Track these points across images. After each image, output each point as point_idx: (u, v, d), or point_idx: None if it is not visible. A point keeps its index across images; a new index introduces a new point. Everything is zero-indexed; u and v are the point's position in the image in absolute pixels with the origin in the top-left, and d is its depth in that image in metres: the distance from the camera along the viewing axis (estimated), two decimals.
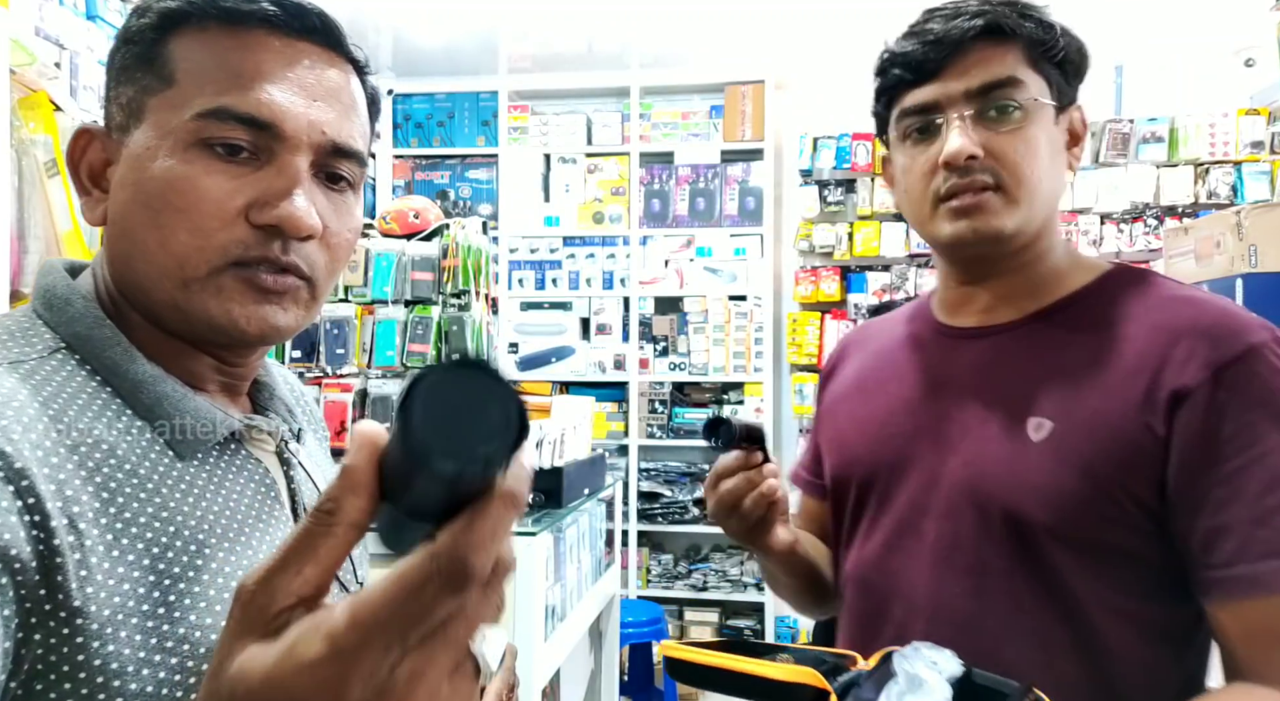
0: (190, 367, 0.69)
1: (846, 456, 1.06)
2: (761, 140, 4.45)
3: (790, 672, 0.82)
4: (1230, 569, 0.81)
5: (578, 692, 2.70)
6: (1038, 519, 0.87)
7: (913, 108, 0.93)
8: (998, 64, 0.90)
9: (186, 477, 0.64)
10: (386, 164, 4.71)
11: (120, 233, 0.66)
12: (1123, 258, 4.22)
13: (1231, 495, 0.82)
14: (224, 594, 0.63)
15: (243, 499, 0.68)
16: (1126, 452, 0.85)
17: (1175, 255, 2.26)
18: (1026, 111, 0.90)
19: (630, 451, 4.47)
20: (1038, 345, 0.94)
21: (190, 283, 0.64)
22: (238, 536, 0.66)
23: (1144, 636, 0.87)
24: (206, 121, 0.63)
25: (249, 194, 0.64)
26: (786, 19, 3.87)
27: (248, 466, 0.70)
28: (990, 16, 0.89)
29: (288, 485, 0.74)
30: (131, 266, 0.65)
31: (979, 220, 0.91)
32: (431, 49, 4.38)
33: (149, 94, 0.65)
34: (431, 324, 2.87)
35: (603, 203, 4.58)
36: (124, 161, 0.65)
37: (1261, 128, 4.08)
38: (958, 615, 0.91)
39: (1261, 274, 1.93)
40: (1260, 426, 0.82)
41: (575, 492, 2.44)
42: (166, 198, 0.63)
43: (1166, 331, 0.87)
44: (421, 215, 3.05)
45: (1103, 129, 4.19)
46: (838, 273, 4.42)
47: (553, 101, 4.72)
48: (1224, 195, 4.05)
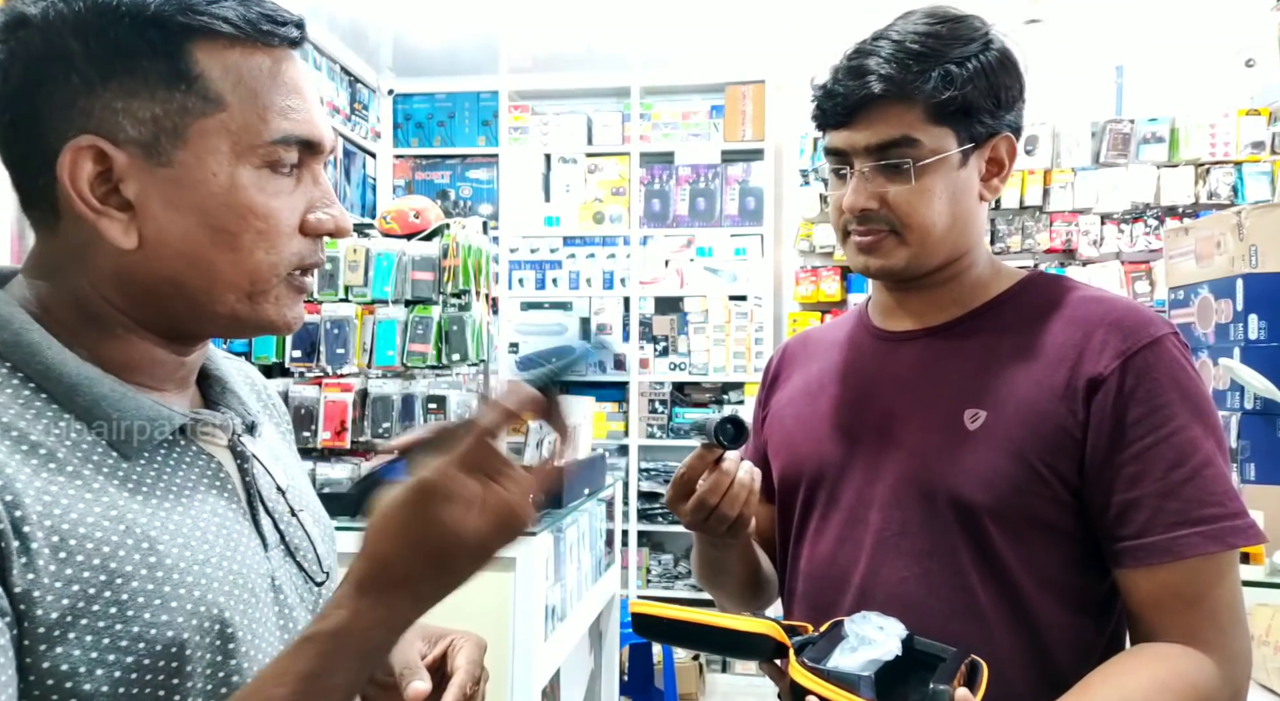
0: (155, 370, 0.70)
1: (795, 457, 1.12)
2: (762, 140, 4.45)
3: (754, 624, 0.89)
4: (1142, 538, 0.91)
5: (578, 692, 2.70)
6: (979, 500, 0.95)
7: (830, 149, 1.04)
8: (894, 122, 0.97)
9: (134, 476, 0.65)
10: (386, 164, 4.71)
11: (176, 256, 0.65)
12: (1123, 258, 4.22)
13: (1142, 471, 0.91)
14: (179, 590, 0.63)
15: (195, 494, 0.68)
16: (1052, 436, 0.94)
17: (1176, 255, 2.26)
18: (921, 166, 0.97)
19: (630, 451, 4.47)
20: (969, 344, 1.03)
21: (256, 296, 0.68)
22: (191, 531, 0.66)
23: (1069, 607, 0.96)
24: (276, 147, 0.66)
25: (300, 207, 0.69)
26: (786, 19, 3.87)
27: (199, 462, 0.70)
28: (886, 83, 0.96)
29: (242, 478, 0.73)
30: (185, 286, 0.66)
31: (874, 258, 1.02)
32: (431, 49, 4.38)
33: (192, 116, 0.64)
34: (431, 324, 2.87)
35: (603, 203, 4.58)
36: (167, 184, 0.64)
37: (1262, 128, 4.08)
38: (905, 598, 0.98)
39: (1262, 274, 1.93)
40: (1167, 409, 0.92)
41: (575, 492, 2.44)
42: (247, 222, 0.66)
43: (1081, 326, 0.97)
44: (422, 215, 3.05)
45: (1103, 129, 4.19)
46: (838, 273, 4.42)
47: (553, 101, 4.72)
48: (1224, 195, 4.05)
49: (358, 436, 2.90)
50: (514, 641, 2.06)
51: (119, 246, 0.64)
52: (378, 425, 2.88)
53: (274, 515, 0.75)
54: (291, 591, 0.74)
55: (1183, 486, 0.90)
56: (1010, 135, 1.02)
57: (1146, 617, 0.92)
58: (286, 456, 0.84)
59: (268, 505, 0.74)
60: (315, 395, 2.89)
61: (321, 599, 0.77)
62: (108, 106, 0.63)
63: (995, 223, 4.28)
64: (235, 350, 2.90)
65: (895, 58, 0.96)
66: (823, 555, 1.06)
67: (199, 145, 0.65)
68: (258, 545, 0.72)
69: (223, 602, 0.65)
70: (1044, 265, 4.27)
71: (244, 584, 0.68)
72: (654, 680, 3.81)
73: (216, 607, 0.65)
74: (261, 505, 0.74)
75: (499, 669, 2.05)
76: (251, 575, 0.69)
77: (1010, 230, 4.28)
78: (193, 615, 0.63)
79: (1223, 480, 0.92)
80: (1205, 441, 0.92)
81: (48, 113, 0.64)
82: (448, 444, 0.60)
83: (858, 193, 0.99)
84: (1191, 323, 2.17)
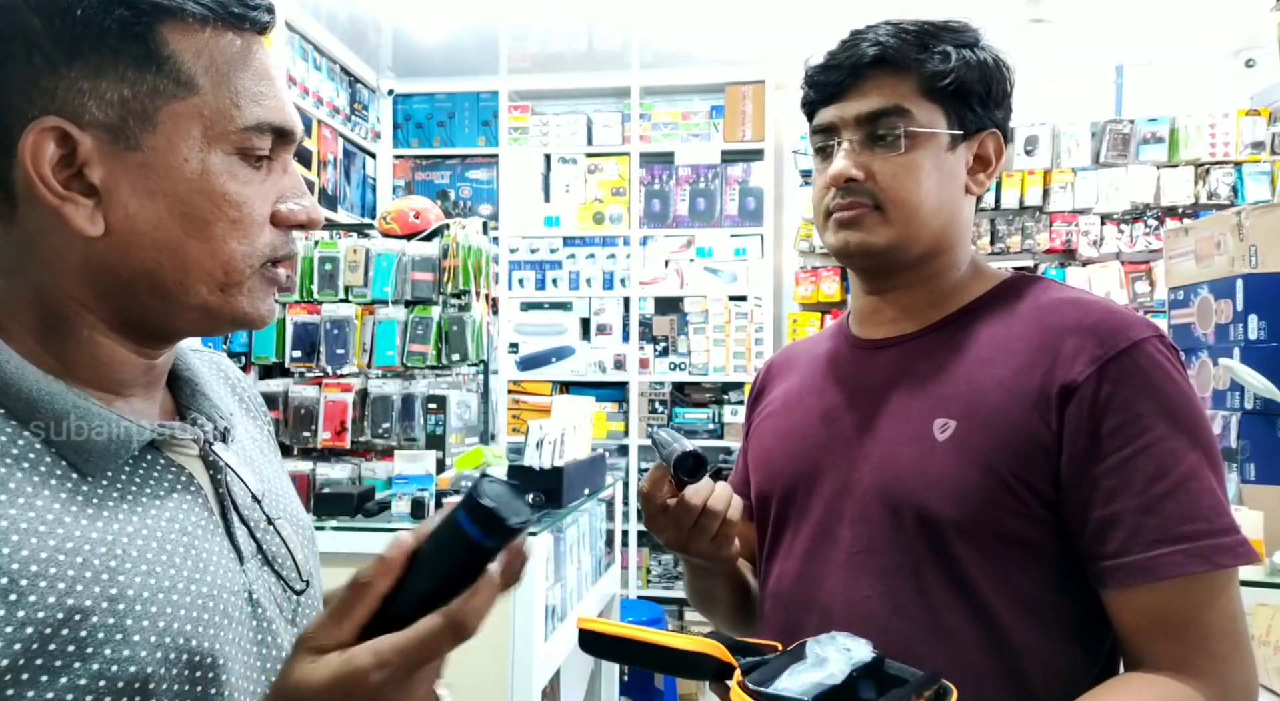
0: (120, 376, 0.67)
1: (770, 471, 1.08)
2: (762, 140, 4.45)
3: (696, 643, 0.85)
4: (1121, 558, 0.85)
5: (578, 692, 2.70)
6: (945, 515, 0.90)
7: (817, 127, 1.01)
8: (888, 93, 0.96)
9: (94, 500, 0.61)
10: (386, 164, 4.71)
11: (148, 244, 0.63)
12: (1123, 258, 4.22)
13: (1120, 485, 0.85)
14: (142, 622, 0.59)
15: (163, 513, 0.65)
16: (1023, 447, 0.89)
17: (1175, 255, 2.26)
18: (911, 138, 0.95)
19: (630, 451, 4.47)
20: (941, 351, 0.98)
21: (229, 287, 0.66)
22: (159, 555, 0.63)
23: (1048, 630, 0.90)
24: (249, 134, 0.65)
25: (271, 197, 0.67)
26: (786, 19, 3.87)
27: (167, 475, 0.67)
28: (882, 49, 0.95)
29: (214, 489, 0.70)
30: (156, 276, 0.64)
31: (854, 233, 0.97)
32: (431, 49, 4.38)
33: (163, 98, 0.62)
34: (431, 324, 2.87)
35: (603, 203, 4.58)
36: (136, 169, 0.62)
37: (1262, 128, 4.08)
38: (869, 617, 0.93)
39: (1262, 274, 1.93)
40: (1146, 419, 0.86)
41: (575, 492, 2.44)
42: (221, 209, 0.64)
43: (1055, 330, 0.92)
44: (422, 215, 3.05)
45: (1103, 129, 4.19)
46: (838, 273, 4.42)
47: (553, 101, 4.72)
48: (1224, 195, 4.05)
49: (358, 436, 2.91)
50: (514, 641, 2.06)
51: (84, 234, 0.61)
52: (378, 425, 2.88)
53: (250, 525, 0.72)
54: (270, 603, 0.71)
55: (1163, 501, 0.83)
56: (998, 133, 1.01)
57: (1133, 643, 0.86)
58: (261, 458, 0.81)
59: (243, 515, 0.72)
60: (315, 395, 2.89)
61: (301, 608, 0.75)
62: (73, 87, 0.60)
63: (995, 223, 4.28)
64: (235, 351, 2.90)
65: (892, 33, 0.96)
66: (790, 573, 1.02)
67: (170, 129, 0.62)
68: (232, 559, 0.69)
69: (190, 630, 0.62)
70: (1044, 265, 4.27)
71: (214, 606, 0.65)
72: (654, 680, 3.81)
73: (184, 636, 0.62)
74: (237, 515, 0.71)
75: (499, 669, 2.05)
76: (223, 594, 0.66)
77: (1010, 230, 4.28)
78: (157, 647, 0.60)
79: (1208, 494, 0.85)
80: (1189, 453, 0.85)
81: (8, 93, 0.60)
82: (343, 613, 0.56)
83: (845, 162, 0.96)
84: (1191, 323, 2.17)
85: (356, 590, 0.55)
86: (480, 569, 0.55)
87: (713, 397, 4.51)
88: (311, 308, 2.96)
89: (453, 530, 0.55)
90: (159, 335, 0.68)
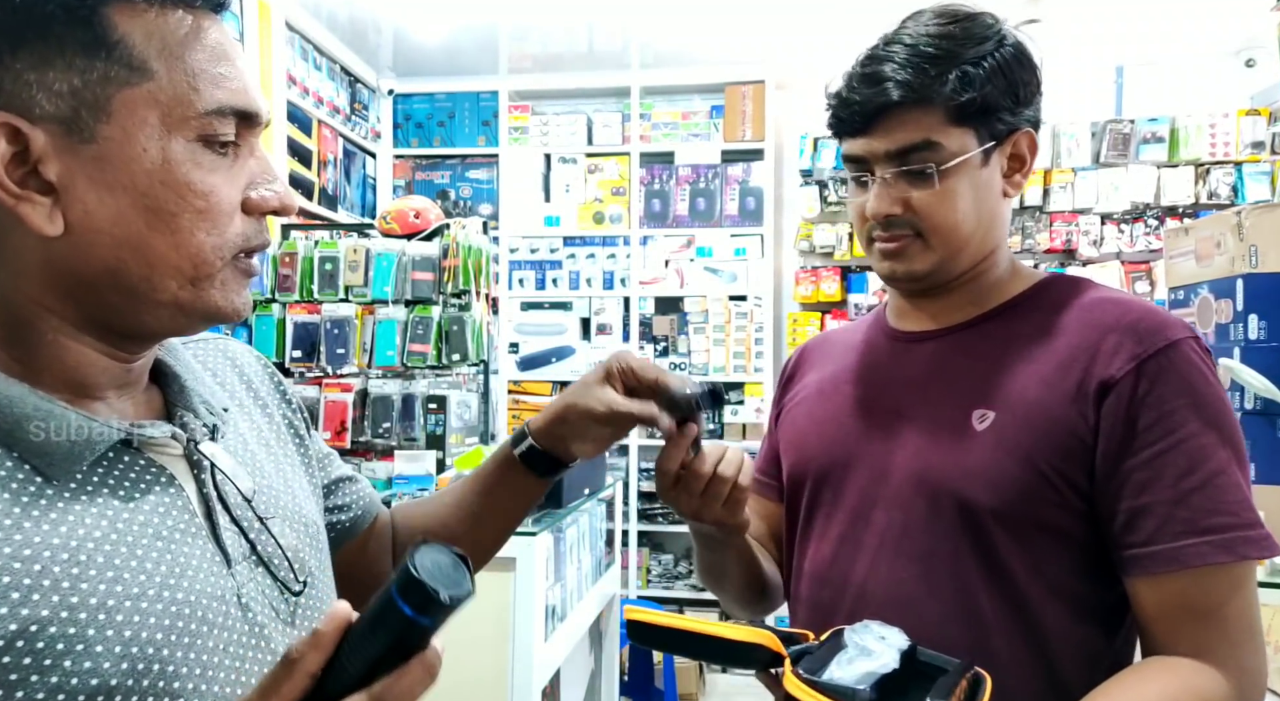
0: (90, 379, 0.65)
1: (803, 455, 1.10)
2: (762, 140, 4.45)
3: (748, 633, 0.87)
4: (1150, 546, 0.88)
5: (578, 692, 2.70)
6: (983, 503, 0.93)
7: (849, 157, 1.02)
8: (914, 128, 0.96)
9: (59, 505, 0.59)
10: (386, 164, 4.71)
11: (111, 241, 0.60)
12: (1123, 258, 4.22)
13: (1152, 477, 0.89)
14: (105, 632, 0.57)
15: (136, 516, 0.62)
16: (1061, 439, 0.92)
17: (1176, 255, 2.26)
18: (945, 171, 0.96)
19: (630, 451, 4.47)
20: (981, 344, 1.01)
21: (200, 281, 0.63)
22: (127, 561, 0.60)
23: (1076, 615, 0.93)
24: (210, 119, 0.61)
25: (241, 184, 0.64)
26: (786, 19, 3.87)
27: (146, 477, 0.64)
28: (904, 90, 0.94)
29: (199, 489, 0.67)
30: (121, 273, 0.61)
31: (900, 263, 1.00)
32: (431, 49, 4.38)
33: (115, 86, 0.59)
34: (431, 324, 2.88)
35: (603, 203, 4.58)
36: (92, 162, 0.59)
37: (1262, 128, 4.08)
38: (903, 599, 0.96)
39: (1262, 274, 1.93)
40: (1179, 415, 0.89)
41: (575, 492, 2.44)
42: (186, 200, 0.61)
43: (1096, 328, 0.95)
44: (422, 215, 3.05)
45: (1103, 129, 4.19)
46: (838, 273, 4.42)
47: (553, 101, 4.72)
48: (1224, 195, 4.05)
49: (358, 436, 2.91)
50: (514, 641, 2.06)
51: (43, 233, 0.59)
52: (378, 425, 2.89)
53: (241, 525, 0.69)
54: (263, 606, 0.68)
55: (1193, 494, 0.87)
56: (1030, 131, 1.01)
57: (1155, 629, 0.90)
58: (264, 452, 0.78)
59: (235, 514, 0.68)
60: (315, 395, 2.90)
61: (300, 608, 0.72)
62: (19, 79, 0.57)
63: None
64: None
65: (911, 62, 0.95)
66: (824, 555, 1.04)
67: (125, 118, 0.59)
68: (217, 562, 0.65)
69: (160, 639, 0.59)
70: (1044, 265, 4.27)
71: (191, 612, 0.62)
72: (654, 680, 3.81)
73: (153, 646, 0.59)
74: (228, 515, 0.68)
75: (499, 669, 2.05)
76: (203, 599, 0.63)
77: (1010, 230, 4.26)
78: (122, 658, 0.57)
79: (1236, 489, 0.88)
80: (1219, 449, 0.89)
81: None
82: None
83: (880, 199, 0.97)
84: (1192, 323, 2.17)
85: (286, 667, 0.53)
86: (416, 646, 0.52)
87: None
88: (312, 307, 2.96)
89: (385, 604, 0.51)
90: (130, 335, 0.65)
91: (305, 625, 0.72)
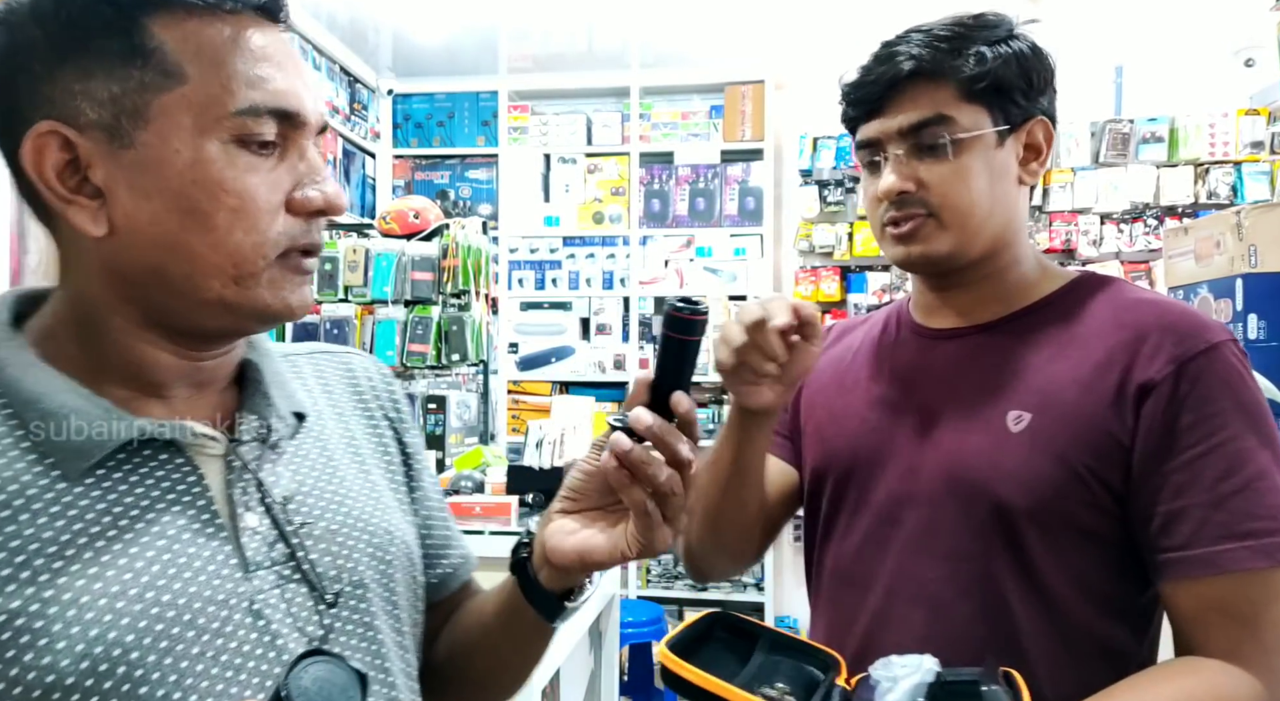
0: (154, 376, 0.67)
1: (825, 451, 1.09)
2: (761, 140, 4.45)
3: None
4: (1187, 550, 0.87)
5: (578, 692, 2.70)
6: (1018, 504, 0.92)
7: (862, 142, 1.01)
8: (927, 103, 0.95)
9: (65, 499, 0.61)
10: (386, 164, 4.70)
11: (150, 242, 0.63)
12: (1123, 257, 4.22)
13: (1190, 480, 0.88)
14: (71, 628, 0.57)
15: (145, 515, 0.62)
16: (1099, 441, 0.91)
17: (1175, 255, 2.26)
18: (957, 144, 0.95)
19: None
20: (1013, 343, 0.99)
21: (243, 279, 0.64)
22: (115, 559, 0.60)
23: (1106, 616, 0.93)
24: (244, 119, 0.63)
25: (285, 185, 0.65)
26: (786, 19, 3.87)
27: (170, 477, 0.65)
28: (917, 62, 0.94)
29: (225, 491, 0.67)
30: (165, 273, 0.63)
31: (914, 245, 0.98)
32: (431, 49, 4.37)
33: (154, 92, 0.61)
34: (431, 324, 2.88)
35: (603, 203, 4.58)
36: (132, 167, 0.62)
37: (1261, 128, 4.08)
38: (933, 599, 0.95)
39: (1261, 274, 1.93)
40: (1219, 417, 0.88)
41: None
42: (219, 200, 0.62)
43: (1135, 329, 0.93)
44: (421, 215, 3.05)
45: (1103, 129, 4.19)
46: (838, 273, 4.42)
47: (553, 101, 4.71)
48: (1224, 195, 4.05)
49: None
50: None
51: (89, 235, 0.62)
52: None
53: (284, 529, 0.68)
54: (283, 615, 0.66)
55: (1232, 498, 0.86)
56: (1046, 121, 1.01)
57: (1189, 633, 0.89)
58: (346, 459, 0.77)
59: (278, 520, 0.68)
60: None
61: (337, 623, 0.69)
62: (66, 90, 0.61)
63: None
64: None
65: (924, 42, 0.95)
66: (848, 553, 1.03)
67: (162, 123, 0.61)
68: (231, 566, 0.65)
69: (130, 641, 0.58)
70: None
71: (177, 616, 0.61)
72: (654, 680, 3.81)
73: (119, 647, 0.58)
74: (269, 520, 0.68)
75: None
76: (195, 603, 0.62)
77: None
78: (83, 657, 0.57)
79: (1275, 493, 0.87)
80: (1260, 453, 0.88)
81: (21, 106, 0.61)
82: None
83: (893, 176, 0.96)
84: None
85: None
86: None
87: (713, 397, 4.51)
88: (312, 307, 2.96)
89: None
90: (190, 334, 0.67)
91: (339, 640, 0.69)
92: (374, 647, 0.72)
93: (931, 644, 0.86)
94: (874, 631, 0.98)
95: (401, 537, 0.78)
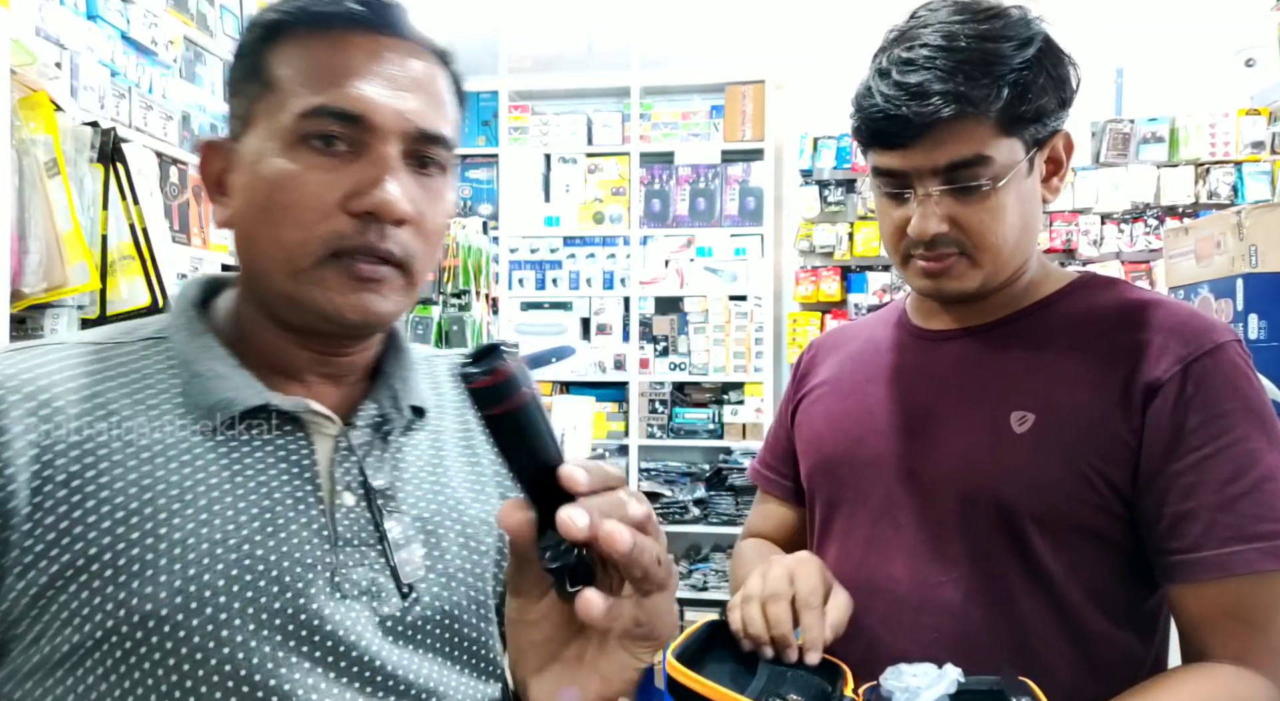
0: (288, 362, 0.73)
1: (824, 455, 1.07)
2: (761, 140, 4.45)
3: None
4: (1195, 553, 0.86)
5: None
6: (1023, 506, 0.91)
7: (883, 170, 0.94)
8: (965, 141, 0.89)
9: (196, 450, 0.67)
10: None
11: (242, 234, 0.71)
12: (1123, 257, 4.22)
13: (1198, 482, 0.86)
14: (174, 565, 0.63)
15: (255, 477, 0.68)
16: (1105, 442, 0.89)
17: (1176, 255, 2.26)
18: (994, 185, 0.90)
19: (630, 451, 4.47)
20: (1016, 344, 0.98)
21: (298, 274, 0.68)
22: (222, 511, 0.65)
23: (1116, 618, 0.92)
24: (306, 120, 0.67)
25: (345, 185, 0.67)
26: (786, 19, 3.87)
27: (286, 448, 0.70)
28: (958, 103, 0.87)
29: (330, 468, 0.71)
30: (253, 264, 0.70)
31: (944, 282, 0.95)
32: None
33: (255, 102, 0.69)
34: (431, 324, 2.88)
35: (603, 203, 4.58)
36: (238, 168, 0.70)
37: (1262, 128, 4.08)
38: (942, 604, 0.93)
39: (1262, 274, 1.93)
40: (1227, 418, 0.87)
41: None
42: (275, 196, 0.67)
43: (1139, 330, 0.92)
44: None
45: (1103, 129, 4.19)
46: (838, 273, 4.42)
47: (553, 101, 4.72)
48: (1224, 195, 4.05)
49: None
50: None
51: (219, 225, 0.72)
52: None
53: (382, 515, 0.71)
54: (358, 591, 0.68)
55: (1240, 500, 0.85)
56: (1067, 132, 0.97)
57: (1197, 636, 0.87)
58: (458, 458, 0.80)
59: (375, 504, 0.71)
60: None
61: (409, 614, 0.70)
62: (232, 112, 0.72)
63: None
64: None
65: (960, 70, 0.87)
66: (850, 558, 1.01)
67: (254, 128, 0.69)
68: (322, 536, 0.68)
69: (221, 585, 0.63)
70: None
71: (266, 570, 0.65)
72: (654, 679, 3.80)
73: (211, 589, 0.63)
74: (365, 502, 0.71)
75: None
76: (284, 563, 0.66)
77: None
78: (178, 593, 0.62)
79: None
80: (1268, 454, 0.86)
81: (232, 126, 0.73)
82: None
83: (927, 219, 0.91)
84: None
85: None
86: None
87: (713, 397, 4.51)
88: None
89: None
90: (295, 329, 0.72)
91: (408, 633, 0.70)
92: (452, 638, 0.74)
93: (943, 650, 0.84)
94: (881, 637, 0.96)
95: (501, 546, 0.79)
